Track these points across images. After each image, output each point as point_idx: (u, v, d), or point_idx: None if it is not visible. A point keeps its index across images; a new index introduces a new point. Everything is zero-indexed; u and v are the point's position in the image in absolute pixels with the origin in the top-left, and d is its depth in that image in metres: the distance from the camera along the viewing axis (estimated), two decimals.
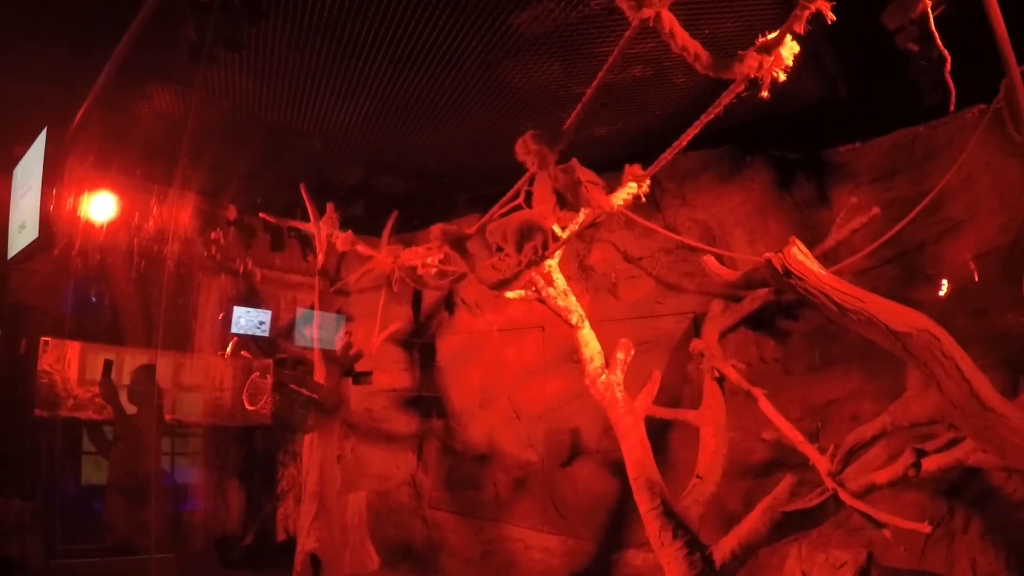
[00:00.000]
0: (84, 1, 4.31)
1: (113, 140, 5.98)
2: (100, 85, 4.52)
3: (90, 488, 8.93)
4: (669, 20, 2.89)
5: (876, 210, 4.38)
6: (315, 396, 6.43)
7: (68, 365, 8.58)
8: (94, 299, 8.36)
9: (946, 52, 3.17)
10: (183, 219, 7.66)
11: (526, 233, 4.51)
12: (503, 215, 4.69)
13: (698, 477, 4.77)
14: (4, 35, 4.74)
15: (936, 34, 3.06)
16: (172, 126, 5.97)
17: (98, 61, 4.46)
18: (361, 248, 6.38)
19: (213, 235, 8.16)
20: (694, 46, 2.92)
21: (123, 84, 4.93)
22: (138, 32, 4.16)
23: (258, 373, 6.44)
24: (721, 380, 5.06)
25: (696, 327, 5.76)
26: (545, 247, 4.36)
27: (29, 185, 5.13)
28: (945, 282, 4.78)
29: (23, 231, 5.19)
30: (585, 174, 4.10)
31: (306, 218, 7.02)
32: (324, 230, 6.75)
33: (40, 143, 4.90)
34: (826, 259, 3.41)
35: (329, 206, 6.71)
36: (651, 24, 2.89)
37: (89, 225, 6.62)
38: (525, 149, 3.68)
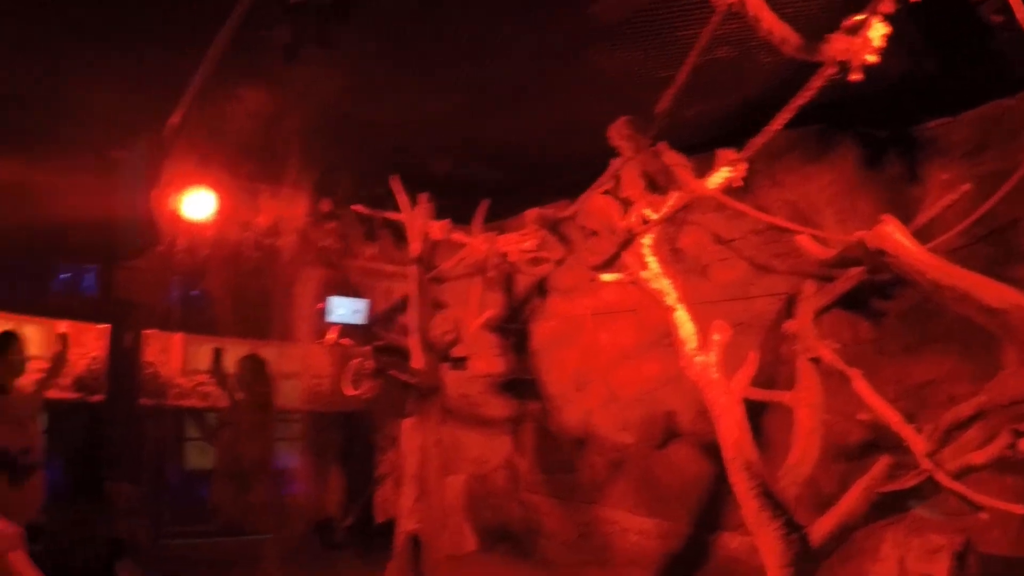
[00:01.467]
0: (177, 5, 4.46)
1: (209, 140, 6.19)
2: (196, 88, 4.71)
3: (194, 473, 9.31)
4: (755, 4, 2.92)
5: (967, 186, 4.31)
6: (414, 381, 6.58)
7: (171, 356, 8.94)
8: (195, 293, 8.68)
9: None
10: (279, 214, 7.88)
11: (617, 216, 4.58)
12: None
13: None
14: (104, 43, 4.96)
15: (1018, 5, 2.99)
16: (265, 124, 6.15)
17: (192, 64, 4.64)
18: (457, 236, 6.49)
19: (308, 228, 8.38)
20: (780, 28, 2.94)
21: (217, 86, 5.12)
22: (231, 35, 4.33)
23: (359, 359, 6.62)
24: (816, 361, 5.03)
25: (789, 308, 5.73)
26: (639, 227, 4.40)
27: (132, 186, 5.34)
28: None
29: (128, 230, 5.41)
30: (674, 158, 4.14)
31: (398, 209, 7.16)
32: (418, 219, 6.88)
33: (141, 145, 5.09)
34: (919, 237, 3.38)
35: (422, 196, 6.84)
36: (736, 9, 2.92)
37: (188, 222, 6.86)
38: (619, 135, 3.74)
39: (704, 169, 4.12)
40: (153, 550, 7.81)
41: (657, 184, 4.68)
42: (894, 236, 3.09)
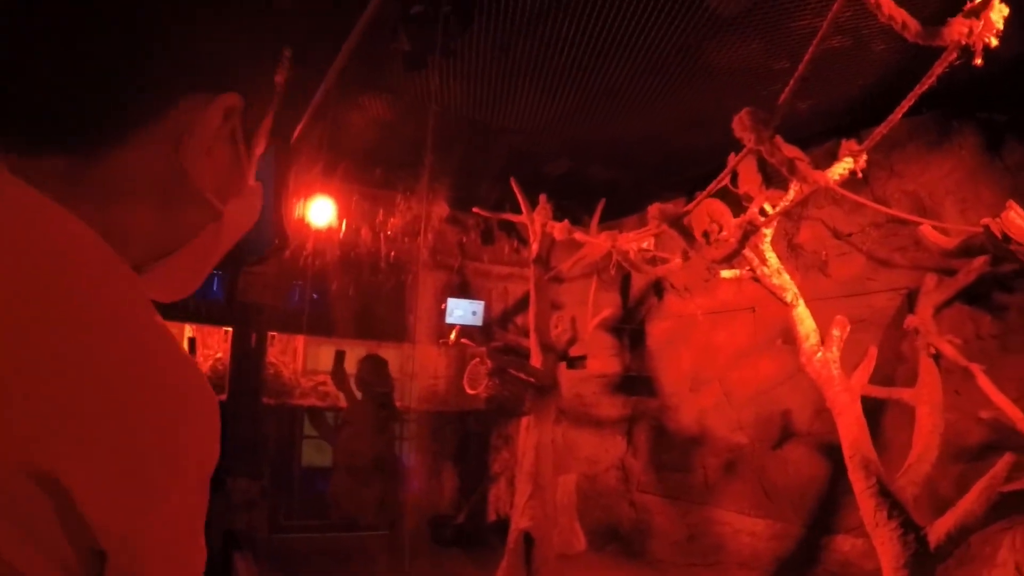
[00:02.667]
0: (301, 20, 4.63)
1: (332, 148, 6.39)
2: (321, 96, 4.89)
3: (311, 469, 9.56)
4: None
5: None
6: (532, 380, 6.65)
7: (293, 357, 9.22)
8: (316, 296, 8.93)
9: None
10: (399, 219, 8.08)
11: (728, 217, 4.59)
12: (713, 195, 4.78)
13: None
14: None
15: None
16: (385, 131, 6.33)
17: (317, 74, 4.81)
18: (579, 236, 6.55)
19: (428, 233, 8.56)
20: (901, 14, 2.92)
21: (341, 95, 5.29)
22: (353, 46, 4.48)
23: (478, 359, 6.72)
24: (937, 357, 4.91)
25: (910, 303, 5.61)
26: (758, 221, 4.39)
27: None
28: None
29: (255, 237, 5.61)
30: (791, 151, 4.11)
31: (515, 211, 7.26)
32: (538, 220, 6.96)
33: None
34: None
35: (542, 197, 6.92)
36: None
37: (312, 228, 7.08)
38: (742, 126, 3.74)
39: (818, 162, 4.08)
40: (270, 542, 8.05)
41: (774, 178, 4.66)
42: (1019, 222, 3.03)
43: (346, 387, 8.90)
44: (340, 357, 8.85)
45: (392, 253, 8.28)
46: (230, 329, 8.52)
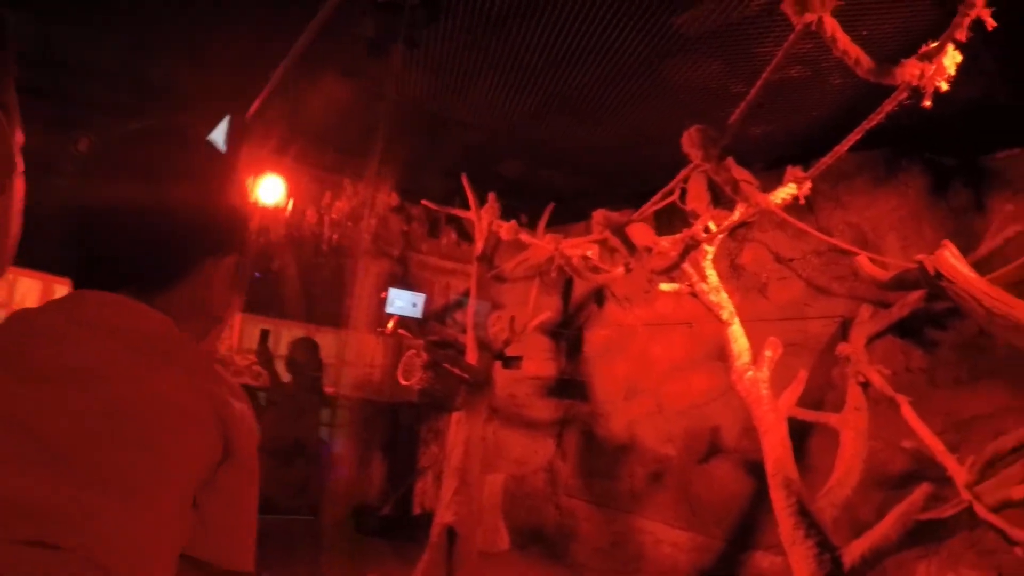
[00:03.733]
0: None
1: (287, 128, 6.36)
2: (279, 75, 4.87)
3: None
4: (831, 25, 3.00)
5: None
6: (467, 376, 6.68)
7: (229, 334, 9.13)
8: (258, 275, 8.86)
9: None
10: (346, 203, 8.05)
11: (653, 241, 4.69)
12: (658, 211, 4.86)
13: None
14: (196, 24, 5.16)
15: None
16: (341, 115, 6.30)
17: (279, 53, 4.80)
18: (524, 237, 6.59)
19: (374, 220, 8.54)
20: (855, 51, 3.01)
21: (301, 76, 5.27)
22: (318, 27, 4.47)
23: (414, 351, 6.74)
24: (865, 386, 5.05)
25: (844, 331, 5.76)
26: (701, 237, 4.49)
27: None
28: None
29: None
30: (740, 173, 4.21)
31: (464, 207, 7.28)
32: (485, 218, 6.99)
33: (221, 128, 5.24)
34: (979, 268, 3.41)
35: (491, 195, 6.95)
36: (813, 28, 3.00)
37: (259, 206, 7.02)
38: (691, 143, 3.82)
39: (769, 187, 4.18)
40: None
41: (722, 198, 4.75)
42: (952, 262, 3.14)
43: (271, 367, 8.85)
44: (264, 336, 8.81)
45: (335, 237, 8.25)
46: None
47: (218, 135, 5.51)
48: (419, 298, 8.76)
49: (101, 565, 0.83)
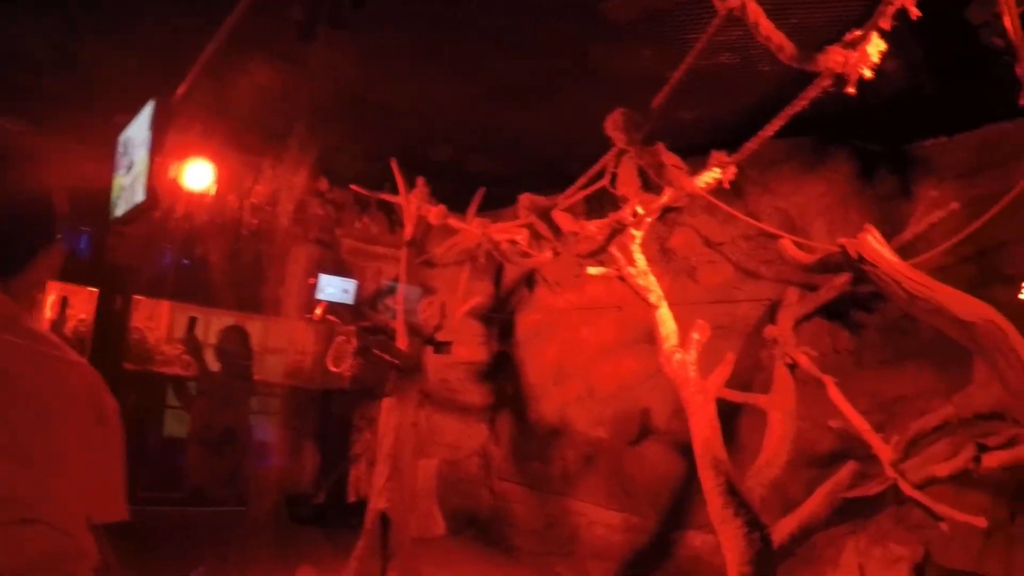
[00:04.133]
0: None
1: (214, 111, 6.24)
2: (205, 58, 4.76)
3: (173, 441, 9.34)
4: (754, 10, 3.04)
5: (955, 205, 4.40)
6: (397, 362, 6.65)
7: (158, 323, 8.98)
8: (186, 262, 8.71)
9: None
10: (276, 187, 7.95)
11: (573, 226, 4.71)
12: (590, 196, 4.88)
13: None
14: (120, 7, 5.04)
15: (1016, 30, 3.09)
16: (271, 98, 6.21)
17: (204, 35, 4.70)
18: (452, 222, 6.56)
19: (304, 204, 8.45)
20: (778, 37, 3.05)
21: (227, 58, 5.16)
22: (245, 9, 4.38)
23: (343, 337, 6.69)
24: (793, 368, 5.13)
25: (771, 314, 5.84)
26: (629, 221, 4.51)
27: (135, 151, 5.35)
28: None
29: (126, 195, 5.44)
30: (670, 158, 4.24)
31: (394, 191, 7.23)
32: (413, 203, 6.95)
33: (147, 112, 5.13)
34: (904, 252, 3.48)
35: (419, 180, 6.90)
36: (737, 13, 3.03)
37: (186, 191, 6.89)
38: (614, 126, 3.84)
39: (701, 171, 4.22)
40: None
41: (651, 183, 4.78)
42: (874, 245, 3.20)
43: (199, 356, 8.71)
44: (192, 324, 8.65)
45: (255, 222, 8.15)
46: (96, 290, 8.25)
47: (143, 119, 5.38)
48: (350, 284, 8.67)
49: (60, 528, 1.20)
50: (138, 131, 5.35)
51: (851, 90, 3.00)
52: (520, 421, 8.49)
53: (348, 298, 8.62)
